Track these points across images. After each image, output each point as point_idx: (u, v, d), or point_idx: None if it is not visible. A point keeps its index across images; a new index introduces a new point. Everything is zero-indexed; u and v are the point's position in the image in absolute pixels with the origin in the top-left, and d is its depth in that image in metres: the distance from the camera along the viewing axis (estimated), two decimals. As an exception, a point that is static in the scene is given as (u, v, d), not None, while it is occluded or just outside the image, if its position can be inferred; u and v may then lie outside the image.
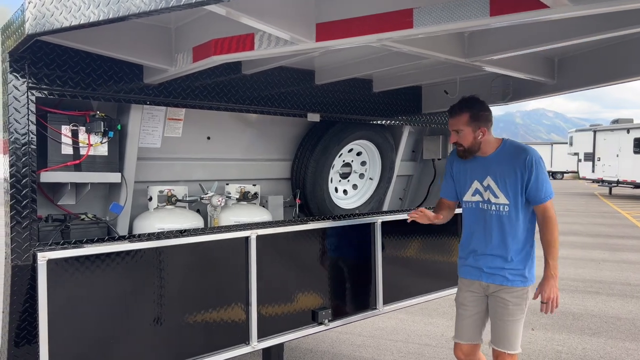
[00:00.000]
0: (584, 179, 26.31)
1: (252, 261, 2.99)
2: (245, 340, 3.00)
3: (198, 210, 3.39)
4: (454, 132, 2.86)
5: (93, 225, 2.81)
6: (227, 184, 3.53)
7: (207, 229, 2.96)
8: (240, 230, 2.99)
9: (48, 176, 2.57)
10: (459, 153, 2.92)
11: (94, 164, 2.71)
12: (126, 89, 2.65)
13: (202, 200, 3.23)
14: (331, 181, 4.02)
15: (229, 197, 3.42)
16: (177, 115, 3.24)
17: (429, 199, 4.72)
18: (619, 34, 2.17)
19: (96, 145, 2.69)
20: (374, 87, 3.87)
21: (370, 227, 3.70)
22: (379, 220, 3.72)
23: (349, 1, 1.90)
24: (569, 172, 38.15)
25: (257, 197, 3.54)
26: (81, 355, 2.43)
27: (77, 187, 2.87)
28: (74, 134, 2.63)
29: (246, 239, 2.98)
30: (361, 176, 4.26)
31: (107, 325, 2.50)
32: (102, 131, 2.66)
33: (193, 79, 2.87)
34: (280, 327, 3.17)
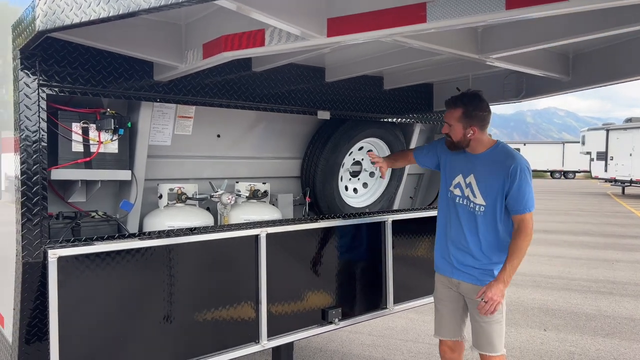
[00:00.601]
0: (597, 178, 26.11)
1: (262, 259, 2.97)
2: (255, 339, 2.99)
3: (208, 208, 3.38)
4: (445, 124, 2.87)
5: (103, 223, 2.81)
6: (237, 181, 3.52)
7: (216, 227, 2.94)
8: (250, 228, 2.98)
9: (58, 173, 2.57)
10: (447, 144, 2.93)
11: (104, 161, 2.70)
12: (136, 86, 2.64)
13: (212, 198, 3.22)
14: (341, 179, 4.00)
15: (239, 195, 3.41)
16: (187, 112, 3.23)
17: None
18: (637, 29, 2.11)
19: (106, 142, 2.69)
20: (384, 85, 3.83)
21: (380, 226, 3.68)
22: (389, 218, 3.69)
23: (361, -5, 1.88)
24: (581, 172, 37.86)
25: (267, 195, 3.52)
26: (91, 353, 2.43)
27: (88, 184, 2.87)
28: (85, 132, 2.63)
29: (256, 237, 2.97)
30: (371, 174, 4.22)
31: (117, 322, 2.50)
32: (113, 129, 2.65)
33: (203, 76, 2.85)
34: (290, 326, 3.16)
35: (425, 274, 3.97)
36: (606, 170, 24.35)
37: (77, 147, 2.62)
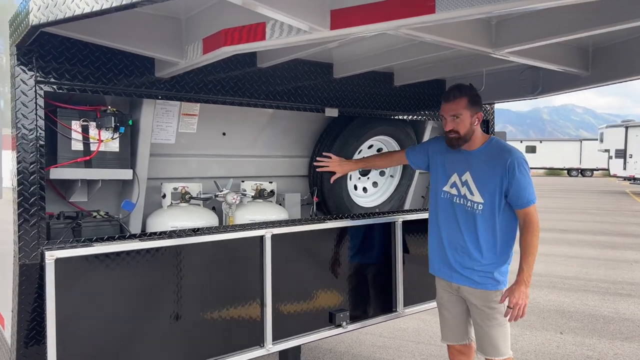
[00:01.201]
0: (615, 176, 25.77)
1: (267, 261, 2.89)
2: (260, 343, 2.92)
3: (214, 208, 3.31)
4: (450, 117, 2.77)
5: (105, 223, 2.75)
6: (242, 181, 3.44)
7: (220, 228, 2.87)
8: (255, 229, 2.90)
9: (57, 173, 2.51)
10: (452, 141, 2.82)
11: (104, 160, 2.64)
12: (137, 83, 2.57)
13: (217, 198, 3.15)
14: (350, 178, 3.90)
15: (244, 195, 3.33)
16: (192, 110, 3.16)
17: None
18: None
19: (107, 141, 2.62)
20: (395, 81, 3.72)
21: (390, 227, 3.58)
22: (399, 219, 3.60)
23: (366, -14, 1.77)
24: (598, 170, 37.33)
25: (273, 194, 3.44)
26: (90, 357, 2.37)
27: (89, 184, 2.82)
28: (85, 130, 2.57)
29: (261, 238, 2.89)
30: (382, 173, 4.12)
31: (117, 326, 2.44)
32: (113, 126, 2.59)
33: (206, 72, 2.77)
34: (295, 330, 3.08)
35: (437, 276, 3.87)
36: (625, 168, 24.05)
37: (77, 145, 2.56)
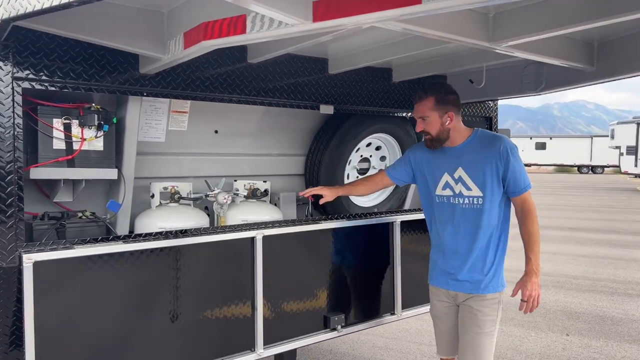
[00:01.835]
0: (626, 173, 25.55)
1: (258, 264, 2.80)
2: (251, 347, 2.83)
3: (206, 208, 3.22)
4: (419, 119, 2.66)
5: (91, 224, 2.67)
6: (235, 180, 3.35)
7: (209, 229, 2.78)
8: (245, 230, 2.81)
9: (38, 172, 2.44)
10: (427, 143, 2.72)
11: (88, 159, 2.55)
12: (121, 79, 2.48)
13: (208, 198, 3.06)
14: (348, 177, 3.81)
15: (237, 194, 3.24)
16: (182, 107, 3.07)
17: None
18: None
19: (90, 139, 2.54)
20: (393, 77, 3.61)
21: (388, 227, 3.48)
22: (397, 219, 3.49)
23: (350, -24, 1.66)
24: (609, 166, 36.89)
25: (267, 194, 3.35)
26: (70, 364, 2.29)
27: (74, 183, 2.74)
28: (67, 128, 2.48)
29: (252, 240, 2.80)
30: (381, 172, 4.02)
31: (99, 332, 2.36)
32: (97, 124, 2.50)
33: (194, 68, 2.68)
34: (288, 334, 2.99)
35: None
36: (636, 165, 23.85)
37: (59, 144, 2.48)
